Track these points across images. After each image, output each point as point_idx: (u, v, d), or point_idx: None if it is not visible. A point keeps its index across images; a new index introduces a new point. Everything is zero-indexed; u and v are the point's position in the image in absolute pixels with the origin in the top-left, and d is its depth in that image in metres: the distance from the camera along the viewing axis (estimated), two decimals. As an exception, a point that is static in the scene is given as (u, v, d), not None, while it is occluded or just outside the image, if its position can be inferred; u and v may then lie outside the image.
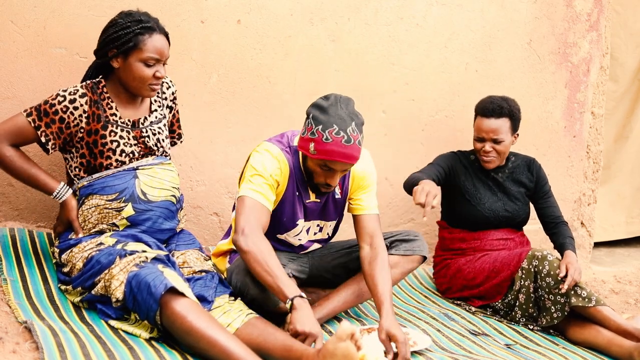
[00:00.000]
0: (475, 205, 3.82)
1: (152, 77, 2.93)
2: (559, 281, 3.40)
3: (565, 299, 3.40)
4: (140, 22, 2.89)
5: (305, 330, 2.61)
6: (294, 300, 2.66)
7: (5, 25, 3.23)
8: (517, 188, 3.90)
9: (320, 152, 2.83)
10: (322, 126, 2.81)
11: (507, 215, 3.84)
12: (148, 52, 2.89)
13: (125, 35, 2.87)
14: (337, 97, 2.86)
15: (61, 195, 2.94)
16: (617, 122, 5.19)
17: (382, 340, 2.83)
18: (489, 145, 3.75)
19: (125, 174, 2.95)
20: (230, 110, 3.73)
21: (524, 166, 3.94)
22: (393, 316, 2.87)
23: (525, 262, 3.51)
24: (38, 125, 2.89)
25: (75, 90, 2.92)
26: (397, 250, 3.24)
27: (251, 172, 2.93)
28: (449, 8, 4.17)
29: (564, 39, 4.53)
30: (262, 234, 2.82)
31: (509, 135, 3.76)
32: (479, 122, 3.78)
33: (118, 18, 2.93)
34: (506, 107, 3.73)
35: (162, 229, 3.00)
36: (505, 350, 3.19)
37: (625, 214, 5.37)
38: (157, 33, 2.92)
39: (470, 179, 3.87)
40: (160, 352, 2.47)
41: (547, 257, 3.46)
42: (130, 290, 2.56)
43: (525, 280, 3.50)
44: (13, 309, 2.64)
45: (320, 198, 3.13)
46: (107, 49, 2.91)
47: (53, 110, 2.89)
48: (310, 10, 3.82)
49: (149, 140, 3.04)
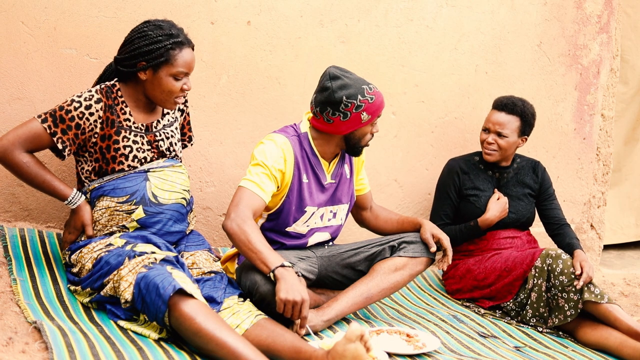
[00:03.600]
0: (480, 207, 3.83)
1: (180, 91, 2.95)
2: (572, 279, 3.41)
3: (578, 296, 3.40)
4: (172, 37, 2.90)
5: (288, 298, 2.68)
6: (275, 271, 2.75)
7: (16, 26, 3.24)
8: (521, 189, 3.91)
9: (373, 111, 3.08)
10: (360, 95, 3.02)
11: (512, 216, 3.85)
12: (179, 67, 2.91)
13: (157, 50, 2.87)
14: (335, 71, 3.07)
15: (75, 202, 2.92)
16: (627, 124, 5.17)
17: (425, 238, 3.25)
18: (492, 138, 3.81)
19: (136, 176, 2.95)
20: (240, 111, 3.73)
21: (528, 168, 3.97)
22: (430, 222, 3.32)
23: (538, 260, 3.52)
24: (54, 132, 2.86)
25: (91, 96, 2.90)
26: (405, 252, 3.24)
27: (253, 162, 3.03)
28: (459, 10, 4.16)
29: (574, 41, 4.51)
30: (249, 217, 2.89)
31: (515, 134, 3.79)
32: (490, 113, 3.86)
33: (147, 30, 2.91)
34: (520, 106, 3.79)
35: (171, 231, 3.01)
36: (514, 353, 3.19)
37: (635, 217, 5.35)
38: (187, 47, 2.94)
39: (472, 182, 3.89)
40: (169, 353, 2.47)
41: (561, 256, 3.48)
42: (139, 291, 2.56)
43: (539, 278, 3.50)
44: (23, 309, 2.65)
45: (335, 178, 3.22)
46: (137, 61, 2.90)
47: (69, 117, 2.87)
48: (320, 11, 3.82)
49: (162, 144, 3.04)
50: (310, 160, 3.14)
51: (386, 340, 2.96)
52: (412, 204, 4.23)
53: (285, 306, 2.70)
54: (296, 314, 2.72)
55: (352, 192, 3.34)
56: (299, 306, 2.70)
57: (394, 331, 3.07)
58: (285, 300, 2.69)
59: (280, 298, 2.69)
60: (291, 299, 2.68)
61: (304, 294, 2.71)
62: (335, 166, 3.23)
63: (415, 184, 4.23)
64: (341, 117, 3.03)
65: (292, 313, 2.72)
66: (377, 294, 3.17)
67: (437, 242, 3.29)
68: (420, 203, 4.24)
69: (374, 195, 3.62)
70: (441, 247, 3.29)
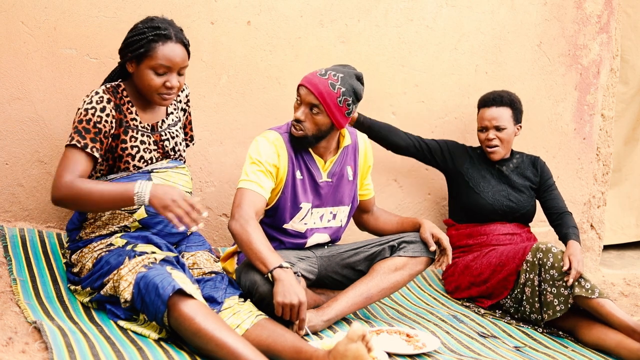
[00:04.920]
0: (479, 193, 3.87)
1: (162, 87, 2.87)
2: (562, 273, 3.40)
3: (569, 291, 3.39)
4: (157, 29, 2.84)
5: (285, 301, 2.69)
6: (273, 272, 2.76)
7: (16, 26, 3.24)
8: (522, 181, 3.95)
9: None
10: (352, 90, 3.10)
11: (512, 205, 3.87)
12: (158, 59, 2.83)
13: (139, 41, 2.84)
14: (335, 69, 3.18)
15: (143, 191, 2.71)
16: (628, 124, 5.17)
17: (425, 238, 3.25)
18: (492, 133, 3.84)
19: (139, 176, 2.94)
20: (240, 111, 3.73)
21: (528, 162, 4.01)
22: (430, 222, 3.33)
23: (529, 254, 3.51)
24: (85, 145, 2.78)
25: (101, 98, 2.85)
26: (405, 251, 3.25)
27: (248, 161, 3.07)
28: (459, 10, 4.16)
29: (574, 41, 4.51)
30: (252, 217, 2.92)
31: (511, 124, 3.86)
32: (481, 113, 3.91)
33: (139, 23, 2.90)
34: (506, 96, 3.87)
35: (173, 232, 3.00)
36: (514, 353, 3.19)
37: (636, 217, 5.35)
38: (173, 42, 2.86)
39: (475, 168, 3.94)
40: (169, 353, 2.47)
41: (551, 250, 3.47)
42: (138, 291, 2.56)
43: (530, 273, 3.49)
44: (22, 309, 2.65)
45: (332, 177, 3.21)
46: (125, 53, 2.89)
47: (92, 125, 2.81)
48: (320, 11, 3.82)
49: (168, 144, 3.04)
50: (304, 157, 3.15)
51: (386, 340, 2.96)
52: (412, 204, 4.23)
53: (283, 309, 2.71)
54: (294, 316, 2.72)
55: (354, 194, 3.33)
56: (297, 309, 2.71)
57: (393, 331, 3.07)
58: (282, 303, 2.70)
59: (277, 301, 2.71)
60: (288, 302, 2.70)
61: (301, 296, 2.72)
62: (332, 165, 3.22)
63: (415, 184, 4.23)
64: (346, 112, 3.11)
65: (290, 315, 2.72)
66: (377, 294, 3.17)
67: (437, 242, 3.29)
68: (420, 203, 4.24)
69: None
70: (441, 247, 3.29)
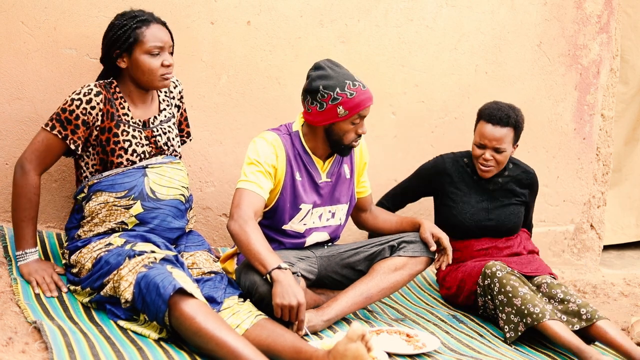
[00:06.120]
0: (456, 214, 3.65)
1: (161, 66, 2.96)
2: (510, 298, 3.27)
3: (518, 319, 3.24)
4: (136, 17, 2.93)
5: (284, 303, 2.69)
6: (271, 273, 2.76)
7: (16, 26, 3.24)
8: (507, 199, 3.72)
9: (352, 107, 3.01)
10: (338, 88, 3.00)
11: (490, 225, 3.66)
12: (150, 42, 2.93)
13: (124, 34, 2.91)
14: (323, 62, 3.08)
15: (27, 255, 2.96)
16: (628, 124, 5.17)
17: (425, 237, 3.26)
18: (490, 154, 3.55)
19: (134, 171, 2.96)
20: (240, 111, 3.73)
21: (519, 179, 3.74)
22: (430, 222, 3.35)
23: (480, 278, 3.43)
24: (65, 135, 2.91)
25: (90, 90, 2.93)
26: (404, 251, 3.25)
27: (247, 161, 3.07)
28: (458, 10, 4.16)
29: (574, 41, 4.51)
30: (251, 217, 2.92)
31: (511, 146, 3.58)
32: (483, 127, 3.56)
33: (115, 20, 2.98)
34: (513, 116, 3.53)
35: (170, 227, 3.01)
36: (514, 352, 3.19)
37: (636, 217, 5.35)
38: (154, 23, 2.96)
39: (455, 184, 3.70)
40: (169, 353, 2.47)
41: (496, 274, 3.34)
42: (139, 291, 2.57)
43: (485, 296, 3.43)
44: (22, 309, 2.65)
45: (331, 177, 3.21)
46: (111, 52, 2.95)
47: (74, 116, 2.90)
48: (320, 11, 3.82)
49: (160, 139, 3.05)
50: (303, 158, 3.15)
51: (386, 340, 2.96)
52: (412, 204, 4.22)
53: (282, 310, 2.71)
54: (293, 317, 2.73)
55: (352, 192, 3.33)
56: (295, 310, 2.71)
57: (393, 331, 3.07)
58: (281, 305, 2.70)
59: (276, 303, 2.71)
60: (287, 303, 2.70)
61: (300, 297, 2.72)
62: (331, 165, 3.23)
63: (415, 184, 4.22)
64: (317, 107, 3.04)
65: (289, 317, 2.73)
66: (376, 294, 3.17)
67: (437, 241, 3.28)
68: (420, 203, 4.23)
69: (374, 195, 3.61)
70: (440, 246, 3.29)
